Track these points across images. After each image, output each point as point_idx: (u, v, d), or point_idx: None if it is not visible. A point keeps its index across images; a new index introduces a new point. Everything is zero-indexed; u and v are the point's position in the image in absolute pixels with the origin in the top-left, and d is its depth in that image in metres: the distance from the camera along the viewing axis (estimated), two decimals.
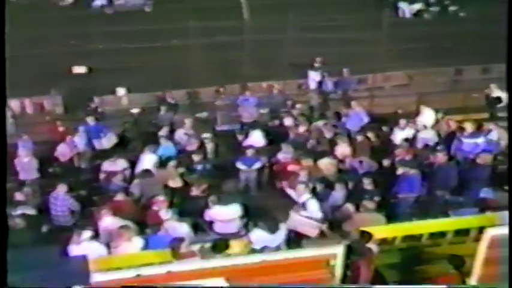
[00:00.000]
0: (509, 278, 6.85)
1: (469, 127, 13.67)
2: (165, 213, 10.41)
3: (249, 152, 13.33)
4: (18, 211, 10.86)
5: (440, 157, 12.05)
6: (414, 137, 13.96)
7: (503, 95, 15.92)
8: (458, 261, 8.16)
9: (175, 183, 12.21)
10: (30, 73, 17.59)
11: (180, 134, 14.44)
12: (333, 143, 14.00)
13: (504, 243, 7.28)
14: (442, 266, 8.50)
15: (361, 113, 15.47)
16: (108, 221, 10.18)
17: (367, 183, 11.57)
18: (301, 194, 11.04)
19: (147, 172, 12.27)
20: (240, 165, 13.20)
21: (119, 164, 13.00)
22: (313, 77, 18.25)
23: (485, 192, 11.12)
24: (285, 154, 13.41)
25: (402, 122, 14.37)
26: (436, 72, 19.26)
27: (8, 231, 6.22)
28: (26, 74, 17.44)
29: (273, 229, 9.48)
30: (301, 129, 14.64)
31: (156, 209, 10.65)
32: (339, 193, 11.50)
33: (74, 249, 9.12)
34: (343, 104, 17.08)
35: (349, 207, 10.81)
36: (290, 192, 11.81)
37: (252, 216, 10.64)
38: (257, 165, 13.26)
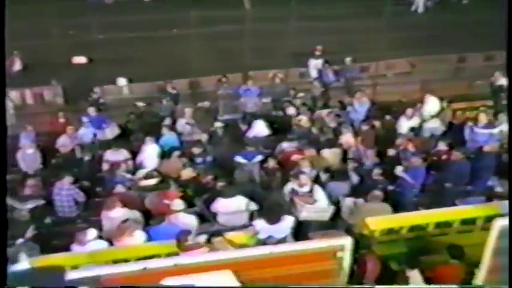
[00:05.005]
0: (509, 277, 6.81)
1: (483, 118, 13.47)
2: (177, 205, 10.21)
3: (250, 147, 12.98)
4: (29, 205, 10.82)
5: (456, 155, 11.77)
6: (420, 126, 13.76)
7: (505, 83, 15.77)
8: (456, 251, 8.08)
9: (188, 174, 11.95)
10: (29, 64, 17.50)
11: (181, 124, 14.34)
12: (337, 132, 13.91)
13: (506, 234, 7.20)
14: (443, 256, 8.42)
15: (365, 102, 15.36)
16: (117, 212, 9.98)
17: (376, 173, 11.49)
18: (303, 184, 10.85)
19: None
20: (239, 159, 12.67)
21: (122, 154, 12.89)
22: (315, 66, 18.12)
23: (493, 181, 11.08)
24: (290, 143, 13.30)
25: (409, 111, 14.10)
26: (438, 60, 19.08)
27: (7, 228, 6.12)
28: (26, 64, 17.40)
29: (274, 220, 9.16)
30: (304, 118, 14.55)
31: (167, 202, 10.39)
32: (344, 184, 11.35)
33: (78, 249, 8.95)
34: (346, 93, 17.04)
35: (355, 198, 10.71)
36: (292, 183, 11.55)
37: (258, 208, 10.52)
38: (258, 158, 12.69)
